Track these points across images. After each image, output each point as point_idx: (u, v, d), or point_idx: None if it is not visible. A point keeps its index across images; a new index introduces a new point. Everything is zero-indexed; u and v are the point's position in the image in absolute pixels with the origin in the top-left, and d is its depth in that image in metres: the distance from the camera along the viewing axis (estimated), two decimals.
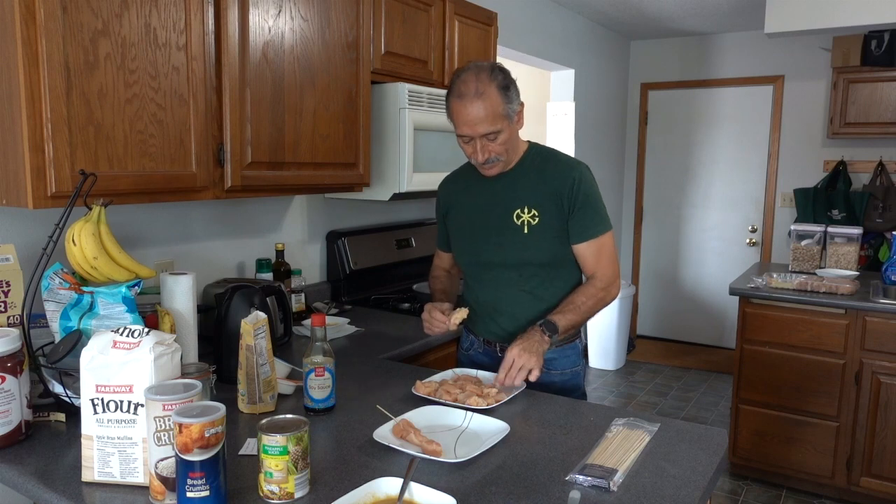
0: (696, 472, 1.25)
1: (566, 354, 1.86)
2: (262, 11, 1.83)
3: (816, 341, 3.01)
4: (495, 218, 1.80)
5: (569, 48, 4.52)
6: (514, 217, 1.77)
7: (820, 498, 3.14)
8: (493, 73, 1.67)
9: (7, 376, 1.30)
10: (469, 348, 1.95)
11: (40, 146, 1.38)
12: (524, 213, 1.76)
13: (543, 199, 1.76)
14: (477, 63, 1.71)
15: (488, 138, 1.68)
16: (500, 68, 1.71)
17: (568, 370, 1.86)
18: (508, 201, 1.79)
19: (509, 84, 1.69)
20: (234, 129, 1.78)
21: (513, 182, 1.80)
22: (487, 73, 1.66)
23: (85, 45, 1.42)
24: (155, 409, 1.08)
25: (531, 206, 1.76)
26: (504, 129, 1.68)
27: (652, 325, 5.80)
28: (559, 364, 1.85)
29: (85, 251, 1.44)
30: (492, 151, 1.70)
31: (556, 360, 1.84)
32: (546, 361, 1.80)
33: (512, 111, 1.69)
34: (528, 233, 1.76)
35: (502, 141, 1.69)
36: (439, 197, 1.99)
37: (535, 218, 1.75)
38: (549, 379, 1.82)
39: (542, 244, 1.76)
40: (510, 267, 1.80)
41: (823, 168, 4.79)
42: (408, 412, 1.45)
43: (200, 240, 2.19)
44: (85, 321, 1.46)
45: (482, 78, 1.65)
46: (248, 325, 1.48)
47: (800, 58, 4.82)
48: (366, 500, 1.09)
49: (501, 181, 1.81)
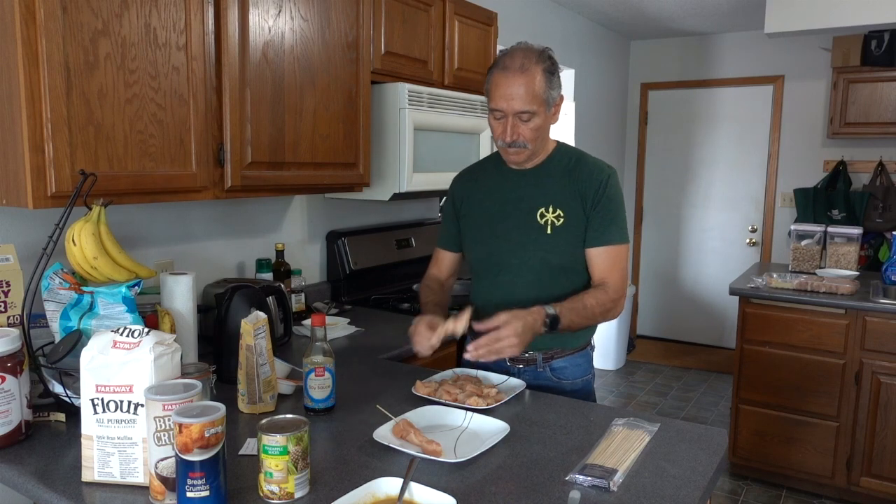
0: (696, 472, 1.25)
1: (577, 363, 1.79)
2: (262, 11, 1.83)
3: (816, 341, 3.01)
4: (516, 216, 1.73)
5: (569, 48, 4.52)
6: (538, 216, 1.70)
7: (820, 498, 3.14)
8: (543, 55, 1.64)
9: (7, 376, 1.30)
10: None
11: (40, 146, 1.38)
12: (548, 213, 1.70)
13: (570, 199, 1.69)
14: (528, 44, 1.68)
15: (521, 118, 1.62)
16: (550, 55, 1.67)
17: (579, 379, 1.80)
18: (532, 199, 1.72)
19: (555, 72, 1.66)
20: (234, 129, 1.78)
21: (538, 180, 1.73)
22: (537, 53, 1.64)
23: (85, 45, 1.42)
24: (155, 409, 1.08)
25: (556, 206, 1.69)
26: (539, 113, 1.63)
27: (652, 325, 5.80)
28: (570, 373, 1.78)
29: (85, 251, 1.44)
30: (521, 134, 1.64)
31: (567, 368, 1.78)
32: (556, 370, 1.77)
33: (552, 98, 1.65)
34: (550, 233, 1.69)
35: (535, 126, 1.64)
36: (452, 191, 1.90)
37: (559, 219, 1.69)
38: (561, 388, 1.77)
39: (564, 247, 1.70)
40: (528, 268, 1.72)
41: (823, 168, 4.79)
42: (408, 412, 1.45)
43: (200, 240, 2.19)
44: (85, 321, 1.46)
45: (530, 56, 1.62)
46: (248, 325, 1.48)
47: (800, 58, 4.83)
48: (365, 500, 1.09)
49: (525, 178, 1.74)
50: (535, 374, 1.77)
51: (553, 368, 1.77)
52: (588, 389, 1.83)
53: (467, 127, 2.65)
